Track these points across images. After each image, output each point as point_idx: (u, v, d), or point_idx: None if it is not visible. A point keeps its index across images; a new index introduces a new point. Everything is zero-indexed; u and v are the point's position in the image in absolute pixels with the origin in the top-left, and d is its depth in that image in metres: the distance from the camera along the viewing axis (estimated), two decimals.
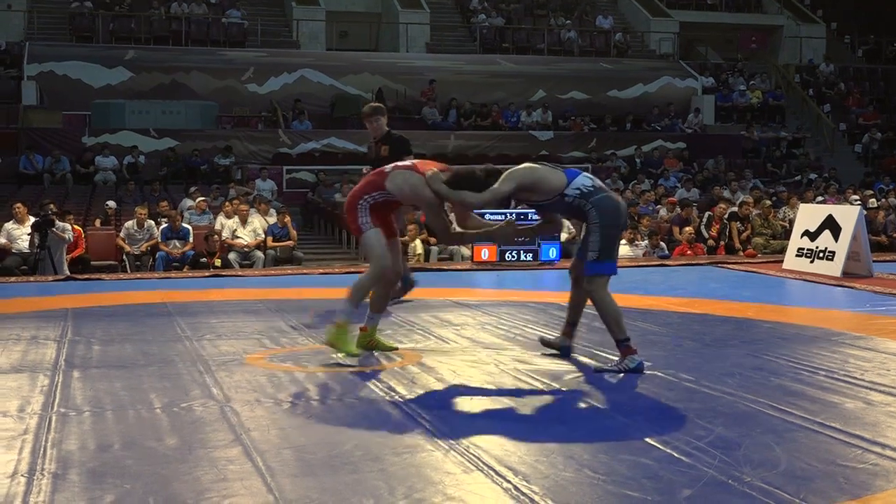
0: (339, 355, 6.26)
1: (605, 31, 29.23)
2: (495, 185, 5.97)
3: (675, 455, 4.19)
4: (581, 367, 6.13)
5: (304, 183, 21.17)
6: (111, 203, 16.78)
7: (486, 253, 12.73)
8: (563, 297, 9.39)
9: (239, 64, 24.45)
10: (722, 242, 15.25)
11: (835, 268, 11.40)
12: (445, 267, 13.17)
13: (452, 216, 6.65)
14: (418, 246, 14.24)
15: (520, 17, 29.10)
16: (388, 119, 9.43)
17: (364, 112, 9.49)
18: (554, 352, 6.46)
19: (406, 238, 13.51)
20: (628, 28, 30.25)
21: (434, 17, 28.13)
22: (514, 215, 9.69)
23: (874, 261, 11.89)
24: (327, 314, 6.99)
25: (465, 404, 5.21)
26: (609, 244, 5.99)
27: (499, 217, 8.91)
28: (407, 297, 8.96)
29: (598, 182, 6.11)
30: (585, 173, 6.12)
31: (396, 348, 6.65)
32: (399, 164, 6.41)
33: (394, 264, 6.49)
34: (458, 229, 6.55)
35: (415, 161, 6.47)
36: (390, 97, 24.70)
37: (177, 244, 14.03)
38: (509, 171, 6.02)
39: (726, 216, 15.83)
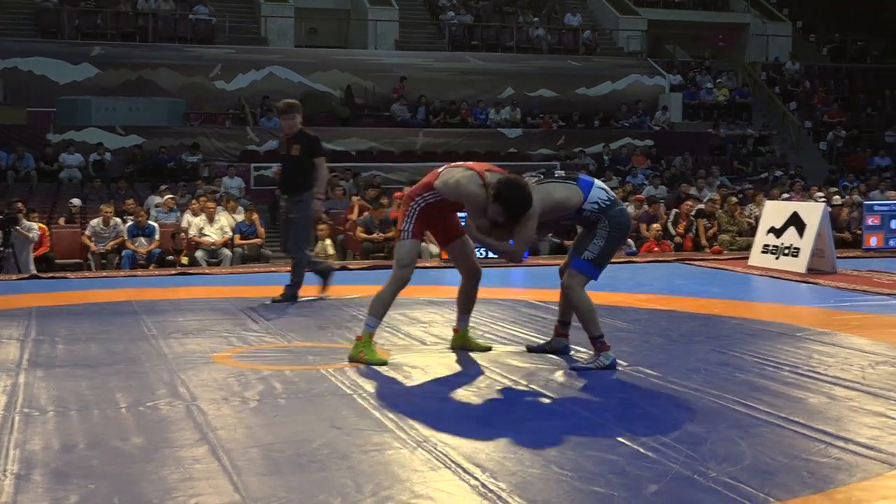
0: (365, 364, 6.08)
1: (573, 28, 29.30)
2: (525, 231, 5.90)
3: (642, 451, 4.22)
4: (549, 364, 6.15)
5: (272, 180, 21.03)
6: (76, 200, 16.63)
7: None
8: (531, 294, 9.42)
9: (207, 60, 24.31)
10: (689, 234, 15.33)
11: (800, 264, 11.50)
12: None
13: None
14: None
15: (488, 15, 29.12)
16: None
17: (279, 108, 9.45)
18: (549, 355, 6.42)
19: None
20: (596, 26, 30.33)
21: (403, 15, 28.09)
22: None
23: (838, 257, 12.00)
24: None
25: (433, 402, 5.21)
26: (609, 254, 6.09)
27: None
28: (325, 293, 9.28)
29: (612, 193, 6.18)
30: (598, 182, 6.15)
31: (490, 348, 6.55)
32: (453, 164, 6.30)
33: (468, 261, 6.48)
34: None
35: (468, 163, 6.32)
36: (359, 94, 24.68)
37: (143, 242, 13.94)
38: (527, 215, 5.84)
39: (693, 213, 15.92)
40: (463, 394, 5.40)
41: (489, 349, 6.56)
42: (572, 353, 6.47)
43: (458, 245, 6.46)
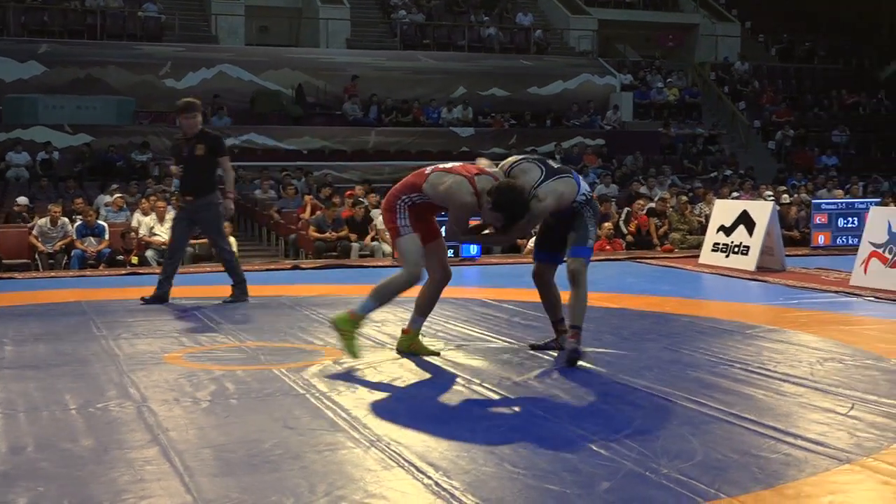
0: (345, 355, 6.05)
1: (524, 28, 29.39)
2: (530, 225, 6.25)
3: (595, 448, 4.24)
4: (501, 363, 6.16)
5: (223, 179, 20.92)
6: (22, 199, 16.39)
7: None
8: (484, 293, 9.43)
9: (156, 59, 24.08)
10: (641, 227, 15.45)
11: (749, 262, 11.62)
12: (366, 263, 13.14)
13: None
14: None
15: (440, 14, 29.13)
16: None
17: (179, 107, 9.06)
18: (538, 352, 6.49)
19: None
20: (548, 25, 30.45)
21: (354, 13, 28.02)
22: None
23: (787, 255, 12.14)
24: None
25: (386, 401, 5.21)
26: (594, 238, 6.36)
27: None
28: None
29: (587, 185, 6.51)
30: (580, 176, 6.44)
31: (438, 353, 6.40)
32: (441, 165, 6.25)
33: (442, 265, 6.40)
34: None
35: (455, 164, 6.28)
36: (311, 93, 24.58)
37: (92, 242, 13.78)
38: (543, 206, 6.01)
39: (644, 212, 16.03)
40: (416, 393, 5.40)
41: (437, 354, 6.41)
42: (506, 353, 6.49)
43: (434, 246, 6.39)
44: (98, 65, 23.45)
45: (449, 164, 6.30)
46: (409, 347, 6.40)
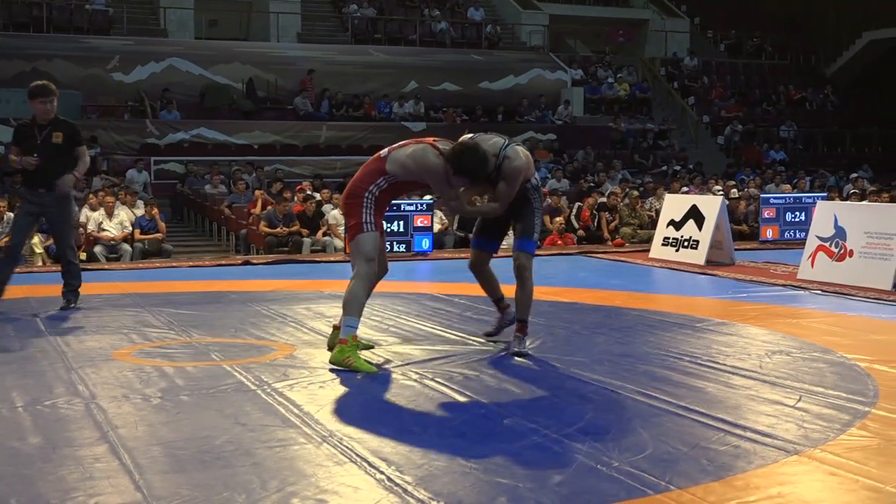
0: (358, 376, 5.68)
1: (476, 22, 29.41)
2: (512, 190, 6.14)
3: (546, 442, 4.26)
4: (453, 357, 6.17)
5: (173, 174, 20.79)
6: None
7: None
8: (435, 288, 9.45)
9: (104, 52, 23.79)
10: (583, 221, 15.53)
11: (699, 256, 11.73)
12: (318, 259, 13.10)
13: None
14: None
15: (392, 8, 29.07)
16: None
17: (36, 91, 8.27)
18: (498, 339, 6.65)
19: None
20: (499, 20, 30.50)
21: (305, 7, 27.88)
22: None
23: (736, 249, 12.28)
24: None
25: (339, 397, 5.19)
26: (540, 227, 6.49)
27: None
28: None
29: None
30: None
31: (372, 347, 6.41)
32: (395, 145, 6.15)
33: (381, 261, 6.25)
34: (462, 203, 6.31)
35: (411, 140, 6.25)
36: (261, 87, 24.43)
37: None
38: (515, 165, 6.07)
39: (595, 206, 16.12)
40: (368, 388, 5.39)
41: (372, 347, 6.40)
42: (456, 345, 6.51)
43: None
44: (44, 58, 23.10)
45: (403, 142, 6.26)
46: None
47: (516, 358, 6.15)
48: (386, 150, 6.19)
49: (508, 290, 7.03)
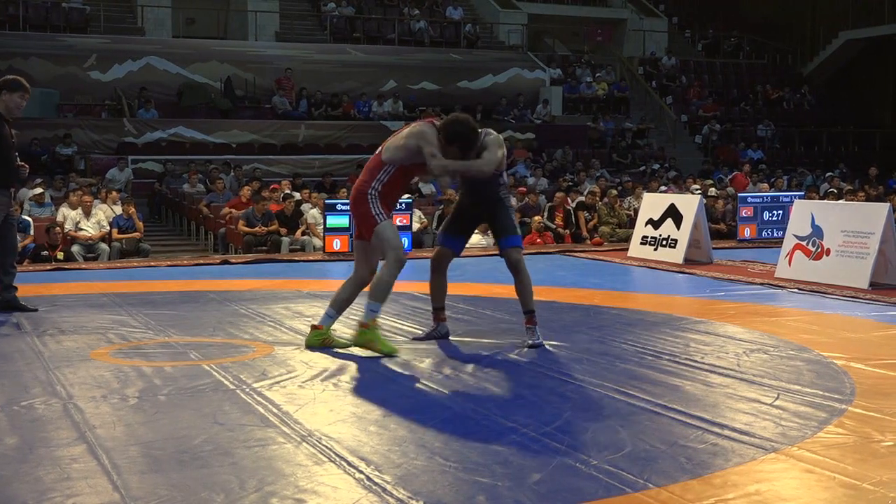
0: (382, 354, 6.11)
1: (454, 21, 29.40)
2: (494, 154, 6.31)
3: (525, 440, 4.27)
4: (432, 356, 6.17)
5: (151, 173, 20.70)
6: None
7: (338, 244, 12.77)
8: (414, 287, 9.44)
9: (81, 50, 23.65)
10: (569, 230, 15.56)
11: (677, 255, 11.78)
12: (297, 258, 13.08)
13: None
14: None
15: (370, 7, 29.02)
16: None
17: (18, 84, 7.96)
18: (431, 342, 6.65)
19: None
20: (478, 19, 30.50)
21: (283, 6, 27.80)
22: None
23: (714, 248, 12.33)
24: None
25: (318, 396, 5.18)
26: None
27: None
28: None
29: None
30: None
31: (351, 346, 6.41)
32: (388, 139, 6.40)
33: (371, 266, 6.45)
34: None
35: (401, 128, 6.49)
36: (239, 86, 24.34)
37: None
38: (494, 136, 6.38)
39: (573, 205, 16.15)
40: (347, 387, 5.38)
41: (350, 346, 6.43)
42: (432, 344, 6.52)
43: (369, 245, 6.38)
44: (20, 56, 22.93)
45: (397, 131, 6.50)
46: (322, 343, 6.39)
47: (526, 350, 6.34)
48: (382, 147, 6.39)
49: (505, 289, 7.06)
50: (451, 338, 6.76)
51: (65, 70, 23.13)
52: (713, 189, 18.31)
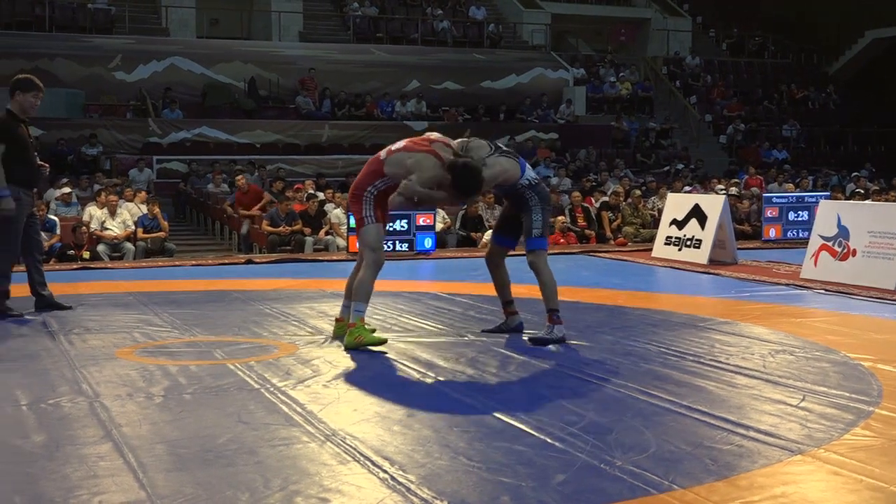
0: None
1: (478, 21, 29.38)
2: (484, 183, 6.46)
3: (549, 441, 4.26)
4: (455, 356, 6.17)
5: (176, 173, 20.78)
6: None
7: None
8: (437, 287, 9.45)
9: (106, 51, 23.80)
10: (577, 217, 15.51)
11: (701, 255, 11.73)
12: (320, 258, 13.10)
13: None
14: None
15: (393, 7, 29.05)
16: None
17: (32, 84, 7.92)
18: (497, 336, 6.80)
19: None
20: (501, 19, 30.48)
21: (307, 6, 27.87)
22: None
23: (738, 248, 12.27)
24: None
25: (341, 395, 5.19)
26: (547, 224, 6.75)
27: None
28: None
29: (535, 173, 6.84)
30: (527, 164, 6.79)
31: (384, 338, 6.62)
32: (393, 147, 6.50)
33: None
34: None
35: (408, 141, 6.56)
36: (263, 86, 24.42)
37: (43, 236, 13.60)
38: (490, 172, 6.37)
39: (597, 205, 16.11)
40: (371, 387, 5.38)
41: (374, 330, 6.66)
42: (459, 345, 6.51)
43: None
44: (46, 57, 23.10)
45: (401, 143, 6.56)
46: (357, 341, 6.44)
47: (541, 348, 6.38)
48: (384, 152, 6.51)
49: (520, 289, 7.06)
50: (475, 338, 6.75)
51: (90, 70, 23.27)
52: (734, 189, 18.23)
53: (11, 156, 7.73)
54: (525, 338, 6.71)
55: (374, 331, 6.67)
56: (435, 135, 6.65)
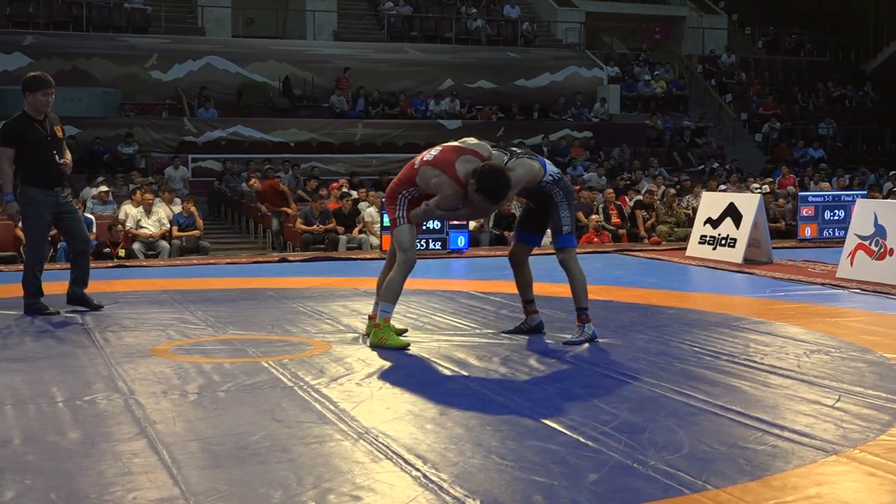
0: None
1: (512, 20, 29.36)
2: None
3: (582, 440, 4.25)
4: (488, 355, 6.17)
5: (211, 171, 20.92)
6: None
7: None
8: (471, 286, 9.45)
9: (142, 50, 24.00)
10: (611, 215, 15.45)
11: (736, 254, 11.65)
12: (354, 256, 13.14)
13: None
14: None
15: (427, 6, 29.08)
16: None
17: (42, 82, 7.82)
18: (523, 336, 6.79)
19: None
20: (535, 17, 30.44)
21: (341, 5, 27.97)
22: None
23: (773, 247, 12.18)
24: None
25: (374, 393, 5.20)
26: (574, 219, 6.73)
27: None
28: None
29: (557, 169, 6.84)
30: (548, 161, 6.80)
31: (406, 333, 6.76)
32: (427, 158, 6.50)
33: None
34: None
35: (439, 150, 6.55)
36: (297, 85, 24.53)
37: None
38: (514, 175, 6.36)
39: (631, 204, 16.05)
40: (404, 385, 5.39)
41: (405, 330, 6.80)
42: (490, 343, 6.50)
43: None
44: (83, 56, 23.34)
45: (434, 151, 6.57)
46: (380, 341, 6.48)
47: (575, 347, 6.38)
48: (418, 160, 6.57)
49: (553, 288, 7.05)
50: (508, 337, 6.75)
51: (126, 70, 23.48)
52: (766, 187, 18.10)
53: (26, 157, 7.73)
54: (548, 340, 6.69)
55: (403, 332, 6.72)
56: (472, 141, 6.65)
